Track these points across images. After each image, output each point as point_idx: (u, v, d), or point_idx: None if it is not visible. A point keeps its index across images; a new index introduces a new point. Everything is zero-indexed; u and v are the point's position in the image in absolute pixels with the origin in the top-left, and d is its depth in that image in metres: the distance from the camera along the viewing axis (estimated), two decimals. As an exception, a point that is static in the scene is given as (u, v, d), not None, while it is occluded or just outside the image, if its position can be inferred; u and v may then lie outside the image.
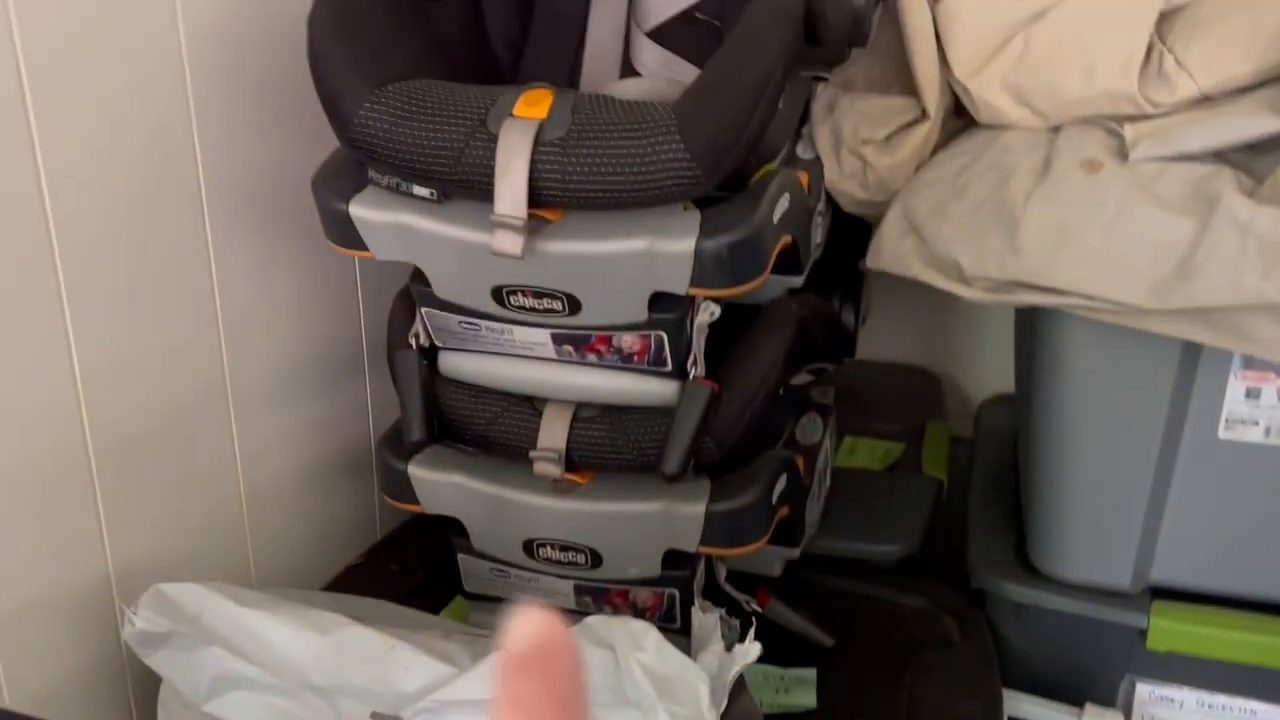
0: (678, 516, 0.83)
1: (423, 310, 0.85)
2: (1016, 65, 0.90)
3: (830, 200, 0.97)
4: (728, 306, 0.82)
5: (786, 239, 0.82)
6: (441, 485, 0.88)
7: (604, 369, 0.84)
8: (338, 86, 0.76)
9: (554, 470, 0.85)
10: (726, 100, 0.72)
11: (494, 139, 0.73)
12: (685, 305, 0.79)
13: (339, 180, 0.81)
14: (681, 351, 0.81)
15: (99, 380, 0.79)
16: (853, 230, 1.01)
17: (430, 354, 0.89)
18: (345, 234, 0.81)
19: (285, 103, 0.90)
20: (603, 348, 0.82)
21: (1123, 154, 0.85)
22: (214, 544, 0.93)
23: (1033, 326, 0.92)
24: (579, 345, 0.82)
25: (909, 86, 0.95)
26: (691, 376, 0.82)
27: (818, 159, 0.95)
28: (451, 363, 0.88)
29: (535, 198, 0.73)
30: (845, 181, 0.95)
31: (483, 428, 0.88)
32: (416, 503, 0.90)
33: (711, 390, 0.82)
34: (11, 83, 0.70)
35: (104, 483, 0.81)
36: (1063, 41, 0.89)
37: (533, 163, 0.72)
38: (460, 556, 0.93)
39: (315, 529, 1.04)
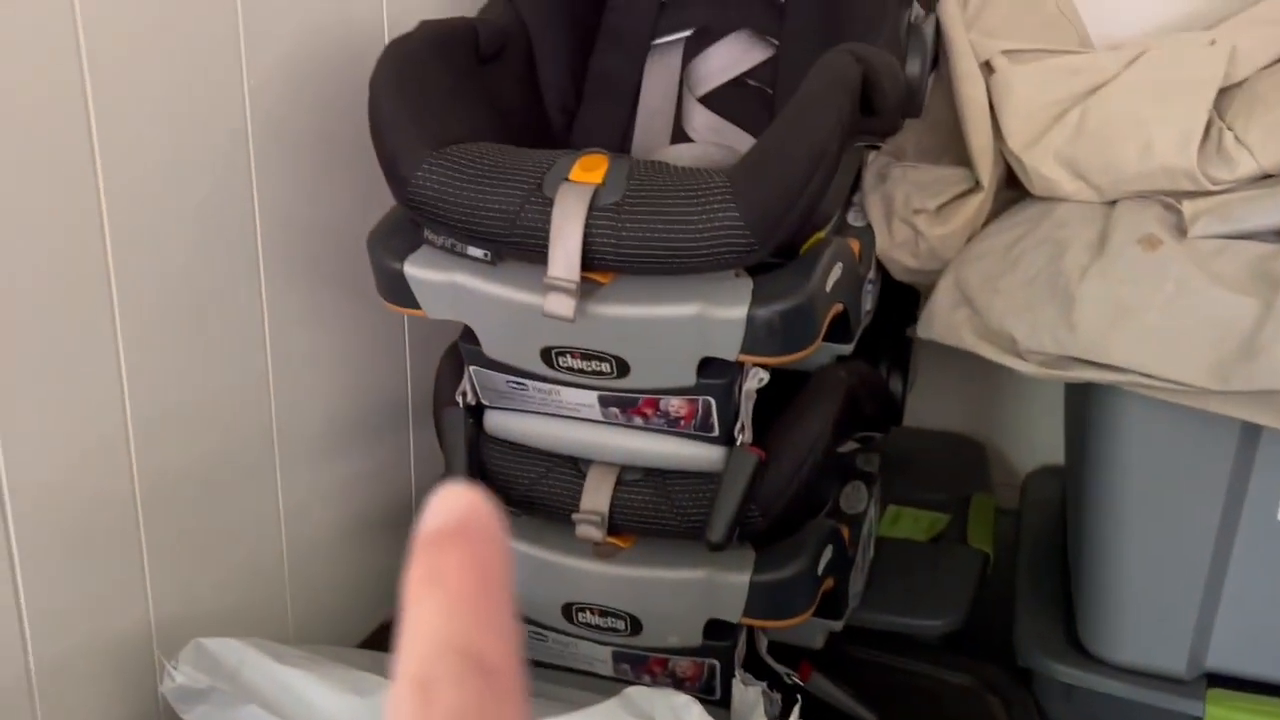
0: (721, 586, 0.82)
1: (471, 369, 0.85)
2: (1072, 139, 0.89)
3: (880, 268, 0.96)
4: (775, 372, 0.81)
5: (838, 307, 0.82)
6: (483, 545, 0.87)
7: (650, 432, 0.83)
8: (397, 147, 0.77)
9: (596, 533, 0.84)
10: (782, 170, 0.72)
11: (550, 203, 0.73)
12: (734, 371, 0.79)
13: (394, 239, 0.82)
14: (729, 417, 0.81)
15: (150, 428, 0.80)
16: (899, 297, 1.01)
17: (476, 412, 0.89)
18: (399, 292, 0.82)
19: (343, 161, 0.92)
20: (650, 411, 0.82)
21: (1181, 230, 0.84)
22: (253, 596, 0.93)
23: (1086, 401, 0.90)
24: (626, 408, 0.82)
25: (961, 156, 0.95)
26: (739, 443, 0.81)
27: (869, 227, 0.94)
28: (497, 421, 0.88)
29: (588, 261, 0.73)
30: (896, 250, 0.95)
31: (526, 488, 0.87)
32: (457, 562, 0.89)
33: (758, 458, 0.81)
34: (81, 137, 0.71)
35: (149, 531, 0.81)
36: (1119, 116, 0.88)
37: (587, 227, 0.72)
38: (499, 617, 0.92)
39: (354, 584, 1.04)
